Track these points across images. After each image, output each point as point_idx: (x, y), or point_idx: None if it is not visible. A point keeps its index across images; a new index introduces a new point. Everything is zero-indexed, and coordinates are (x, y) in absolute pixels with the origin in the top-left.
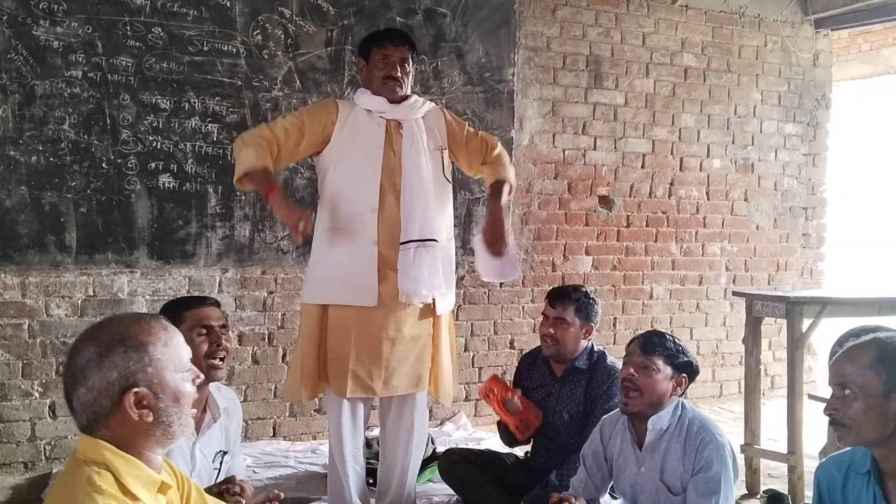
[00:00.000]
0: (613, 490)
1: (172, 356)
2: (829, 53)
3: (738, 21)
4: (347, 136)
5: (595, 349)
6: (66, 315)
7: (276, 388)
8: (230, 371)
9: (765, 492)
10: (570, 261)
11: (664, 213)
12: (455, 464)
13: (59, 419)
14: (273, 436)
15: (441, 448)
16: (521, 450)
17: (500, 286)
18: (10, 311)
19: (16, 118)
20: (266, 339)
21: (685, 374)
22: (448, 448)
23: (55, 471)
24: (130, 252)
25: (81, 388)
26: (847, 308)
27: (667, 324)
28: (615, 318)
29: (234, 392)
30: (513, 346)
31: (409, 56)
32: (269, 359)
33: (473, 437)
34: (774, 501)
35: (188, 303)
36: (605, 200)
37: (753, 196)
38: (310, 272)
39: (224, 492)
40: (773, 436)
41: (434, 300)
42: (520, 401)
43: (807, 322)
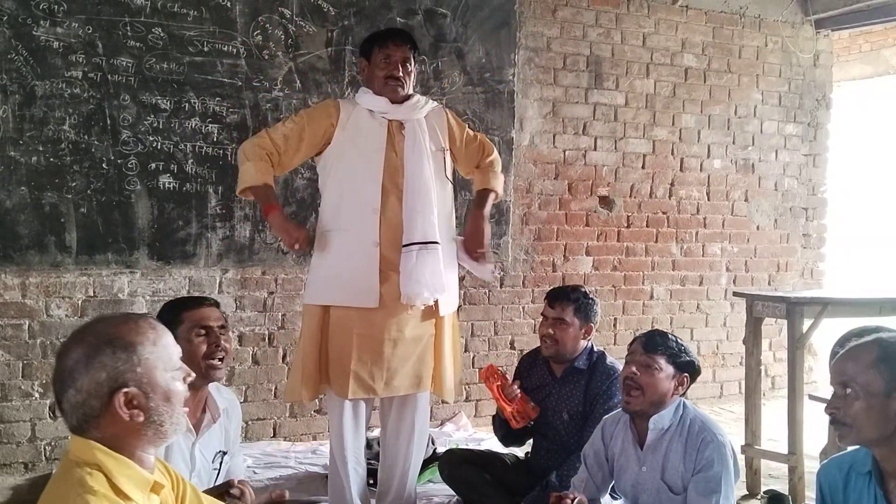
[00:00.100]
0: (614, 490)
1: (162, 355)
2: (830, 54)
3: (739, 21)
4: (349, 137)
5: (594, 349)
6: (67, 315)
7: (277, 389)
8: (230, 371)
9: (765, 492)
10: (571, 261)
11: (665, 214)
12: (455, 464)
13: (60, 420)
14: (273, 436)
15: (441, 448)
16: (522, 450)
17: (501, 286)
18: (11, 312)
19: (16, 118)
20: (266, 340)
21: (687, 374)
22: (448, 449)
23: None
24: (131, 252)
25: (71, 390)
26: (847, 308)
27: (667, 324)
28: (615, 319)
29: (234, 392)
30: (513, 347)
31: (411, 56)
32: (270, 359)
33: (474, 438)
34: (775, 502)
35: (187, 303)
36: (606, 201)
37: (754, 196)
38: (311, 273)
39: (224, 494)
40: (774, 436)
41: (437, 301)
42: (519, 391)
43: (807, 322)
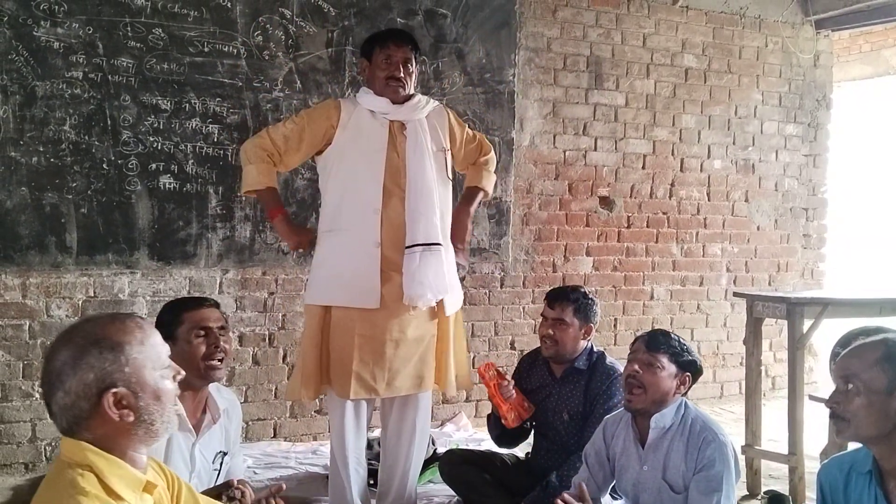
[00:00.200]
0: (614, 490)
1: (150, 354)
2: (830, 54)
3: (739, 22)
4: (350, 137)
5: (594, 349)
6: (67, 316)
7: (277, 389)
8: (230, 372)
9: (765, 493)
10: (571, 262)
11: (665, 214)
12: (456, 465)
13: None
14: (274, 436)
15: (442, 449)
16: (522, 450)
17: (501, 287)
18: (11, 312)
19: (16, 119)
20: (267, 340)
21: (689, 373)
22: (449, 449)
23: None
24: (131, 253)
25: (59, 392)
26: (848, 309)
27: (668, 325)
28: (616, 319)
29: (235, 393)
30: (513, 347)
31: (412, 56)
32: (270, 360)
33: (474, 438)
34: (775, 502)
35: (187, 304)
36: (606, 201)
37: (754, 197)
38: (312, 273)
39: (224, 494)
40: (774, 437)
41: (441, 301)
42: (514, 390)
43: (808, 323)
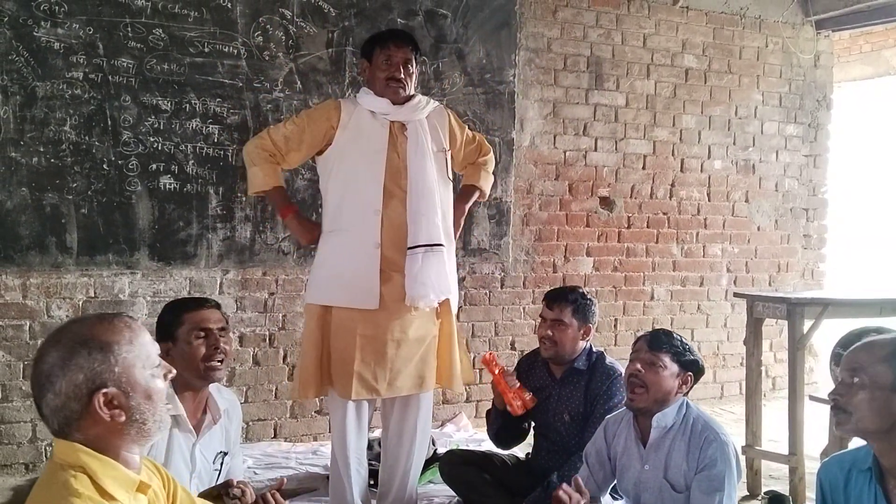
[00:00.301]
0: (615, 490)
1: (140, 353)
2: (830, 54)
3: (739, 22)
4: (350, 138)
5: (594, 350)
6: (67, 316)
7: (277, 390)
8: (231, 372)
9: (766, 493)
10: (571, 262)
11: (665, 215)
12: (456, 465)
13: None
14: (274, 437)
15: (442, 449)
16: (522, 451)
17: (502, 287)
18: (11, 313)
19: (17, 119)
20: (267, 341)
21: (691, 373)
22: (449, 449)
23: None
24: (131, 253)
25: (49, 394)
26: (848, 309)
27: (668, 325)
28: (616, 320)
29: (235, 393)
30: (514, 348)
31: (413, 56)
32: (270, 360)
33: (474, 439)
34: (775, 503)
35: (188, 305)
36: (606, 201)
37: (754, 197)
38: (313, 272)
39: (224, 495)
40: (774, 437)
41: (441, 301)
42: (517, 381)
43: (808, 323)
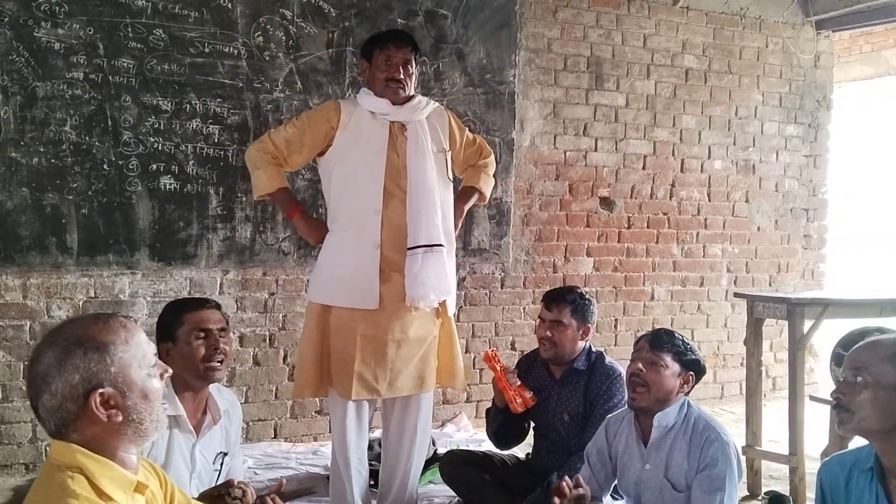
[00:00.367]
0: (615, 490)
1: (135, 353)
2: (831, 55)
3: (739, 22)
4: (350, 138)
5: (593, 350)
6: (68, 316)
7: (277, 390)
8: (231, 373)
9: (766, 493)
10: (572, 262)
11: (665, 215)
12: (456, 465)
13: None
14: (274, 437)
15: (442, 449)
16: (522, 451)
17: (502, 287)
18: (12, 313)
19: (17, 120)
20: (267, 341)
21: (692, 373)
22: (449, 449)
23: None
24: (132, 253)
25: (45, 395)
26: (848, 309)
27: (668, 325)
28: (616, 320)
29: (235, 393)
30: (514, 348)
31: (412, 57)
32: (270, 360)
33: (475, 439)
34: (776, 503)
35: (188, 305)
36: (607, 202)
37: (755, 197)
38: (315, 271)
39: (225, 495)
40: (775, 437)
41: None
42: (518, 379)
43: (808, 323)
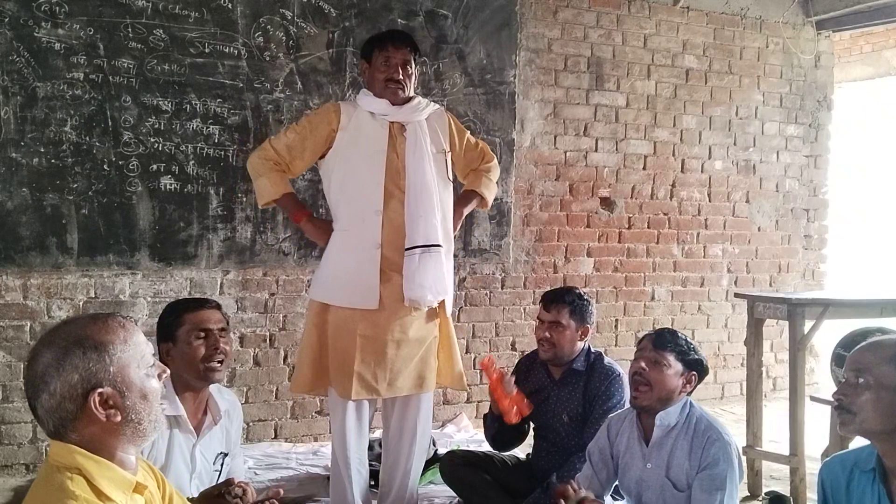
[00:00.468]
0: (616, 491)
1: (134, 353)
2: (831, 55)
3: (740, 23)
4: (350, 139)
5: (592, 350)
6: (68, 317)
7: (278, 390)
8: (231, 373)
9: (766, 494)
10: (572, 262)
11: (666, 215)
12: (457, 466)
13: None
14: (274, 437)
15: (443, 450)
16: (522, 451)
17: (502, 288)
18: (12, 313)
19: (17, 120)
20: (267, 341)
21: (695, 372)
22: (450, 450)
23: None
24: (132, 254)
25: (44, 395)
26: (849, 310)
27: (668, 325)
28: (616, 320)
29: (235, 394)
30: (514, 348)
31: (411, 58)
32: (271, 360)
33: (475, 439)
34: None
35: (188, 305)
36: (607, 202)
37: (755, 197)
38: (318, 270)
39: (225, 493)
40: (775, 438)
41: (442, 301)
42: (515, 387)
43: (809, 324)
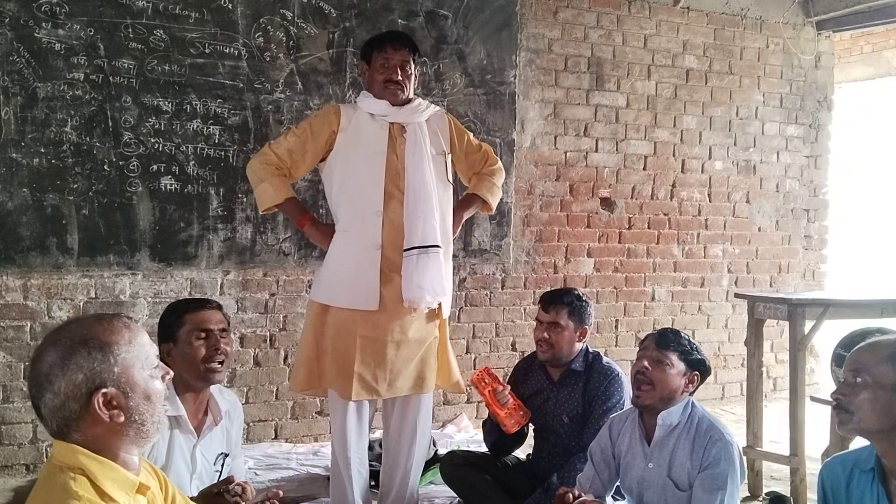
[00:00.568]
0: (617, 491)
1: (139, 354)
2: (831, 55)
3: (740, 23)
4: (350, 141)
5: (590, 351)
6: (68, 317)
7: (278, 391)
8: (231, 373)
9: (767, 494)
10: (572, 263)
11: (666, 215)
12: (457, 466)
13: None
14: (275, 438)
15: (443, 450)
16: (523, 452)
17: (502, 288)
18: (12, 313)
19: (18, 120)
20: (268, 341)
21: (697, 372)
22: (450, 450)
23: None
24: (132, 254)
25: (48, 394)
26: (849, 310)
27: (669, 326)
28: (617, 321)
29: (236, 394)
30: (514, 349)
31: (411, 59)
32: (271, 361)
33: (475, 440)
34: None
35: (189, 305)
36: (607, 202)
37: (755, 198)
38: (319, 270)
39: (225, 492)
40: (776, 438)
41: (440, 303)
42: (510, 395)
43: (809, 324)
